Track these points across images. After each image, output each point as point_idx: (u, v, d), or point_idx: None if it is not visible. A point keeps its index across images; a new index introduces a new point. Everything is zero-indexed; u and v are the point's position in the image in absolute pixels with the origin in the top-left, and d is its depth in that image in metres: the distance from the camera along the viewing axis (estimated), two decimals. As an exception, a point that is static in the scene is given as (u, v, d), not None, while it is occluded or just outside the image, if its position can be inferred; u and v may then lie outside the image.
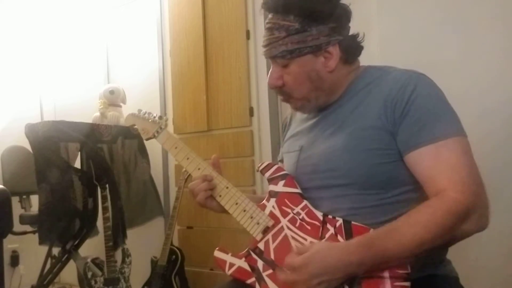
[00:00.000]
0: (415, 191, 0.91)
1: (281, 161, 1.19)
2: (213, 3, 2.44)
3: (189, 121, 2.53)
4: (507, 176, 1.61)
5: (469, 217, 0.82)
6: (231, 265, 0.97)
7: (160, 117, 1.17)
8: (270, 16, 0.99)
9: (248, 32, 2.30)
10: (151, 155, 2.60)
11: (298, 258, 0.82)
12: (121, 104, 2.66)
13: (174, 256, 2.35)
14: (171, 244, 2.35)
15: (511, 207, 1.58)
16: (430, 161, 0.86)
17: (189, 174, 2.43)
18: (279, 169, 1.04)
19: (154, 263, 2.36)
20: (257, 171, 1.07)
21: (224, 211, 1.05)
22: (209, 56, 2.45)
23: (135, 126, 1.22)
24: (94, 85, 2.98)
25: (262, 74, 2.26)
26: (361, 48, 1.03)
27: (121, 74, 2.99)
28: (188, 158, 1.10)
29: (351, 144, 0.94)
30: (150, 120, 1.18)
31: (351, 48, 1.00)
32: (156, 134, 1.15)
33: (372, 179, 0.92)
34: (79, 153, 2.31)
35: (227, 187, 1.05)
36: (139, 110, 1.22)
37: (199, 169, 1.09)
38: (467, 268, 1.14)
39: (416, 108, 0.89)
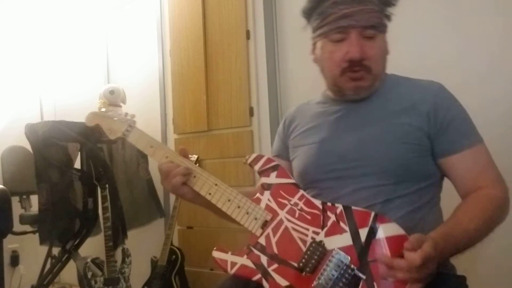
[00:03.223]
0: (436, 186, 1.02)
1: (278, 156, 1.19)
2: (213, 3, 2.44)
3: (189, 121, 2.53)
4: (504, 171, 1.61)
5: (507, 209, 0.94)
6: (233, 264, 0.94)
7: (126, 114, 1.08)
8: None
9: (248, 32, 2.30)
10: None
11: (417, 256, 0.76)
12: (121, 104, 2.66)
13: (174, 256, 2.35)
14: (171, 244, 2.35)
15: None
16: (471, 163, 0.97)
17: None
18: (269, 160, 1.02)
19: (154, 263, 2.36)
20: (245, 163, 1.02)
21: (196, 199, 1.01)
22: (209, 56, 2.45)
23: (100, 126, 1.11)
24: (94, 85, 2.98)
25: (262, 74, 2.26)
26: None
27: (121, 74, 2.99)
28: (167, 157, 1.02)
29: (384, 135, 0.98)
30: (115, 119, 1.08)
31: None
32: (126, 133, 1.06)
33: (403, 170, 0.96)
34: (79, 153, 2.31)
35: (216, 184, 0.99)
36: (100, 108, 1.13)
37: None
38: (467, 266, 1.13)
39: (455, 115, 0.98)
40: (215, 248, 0.97)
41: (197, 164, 2.39)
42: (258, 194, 0.99)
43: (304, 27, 1.10)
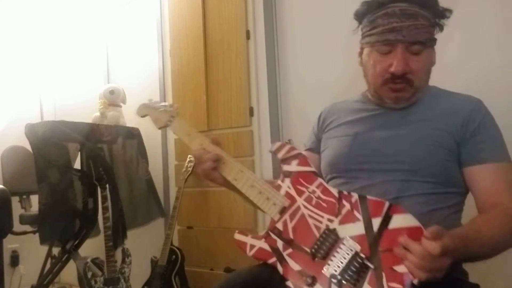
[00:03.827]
0: (462, 196, 1.03)
1: (310, 149, 1.23)
2: (213, 3, 2.44)
3: (189, 121, 2.53)
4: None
5: None
6: (252, 246, 0.98)
7: (171, 105, 1.18)
8: (403, 4, 1.01)
9: (248, 32, 2.30)
10: (151, 155, 2.60)
11: (437, 245, 0.75)
12: (121, 104, 2.66)
13: (174, 256, 2.35)
14: (171, 244, 2.35)
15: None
16: (492, 178, 0.98)
17: (189, 174, 2.43)
18: (292, 149, 1.06)
19: (154, 263, 2.36)
20: (270, 151, 1.08)
21: (226, 183, 1.06)
22: (209, 56, 2.45)
23: (148, 116, 1.22)
24: (94, 85, 2.98)
25: (262, 74, 2.26)
26: None
27: (121, 74, 2.99)
28: (201, 144, 1.10)
29: (416, 136, 1.01)
30: (161, 109, 1.18)
31: None
32: (168, 123, 1.16)
33: (431, 170, 0.99)
34: (79, 153, 2.31)
35: (242, 171, 1.05)
36: (150, 100, 1.23)
37: None
38: (479, 269, 1.13)
39: (487, 130, 1.01)
40: (237, 231, 1.01)
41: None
42: (279, 181, 1.03)
43: (354, 30, 1.12)
